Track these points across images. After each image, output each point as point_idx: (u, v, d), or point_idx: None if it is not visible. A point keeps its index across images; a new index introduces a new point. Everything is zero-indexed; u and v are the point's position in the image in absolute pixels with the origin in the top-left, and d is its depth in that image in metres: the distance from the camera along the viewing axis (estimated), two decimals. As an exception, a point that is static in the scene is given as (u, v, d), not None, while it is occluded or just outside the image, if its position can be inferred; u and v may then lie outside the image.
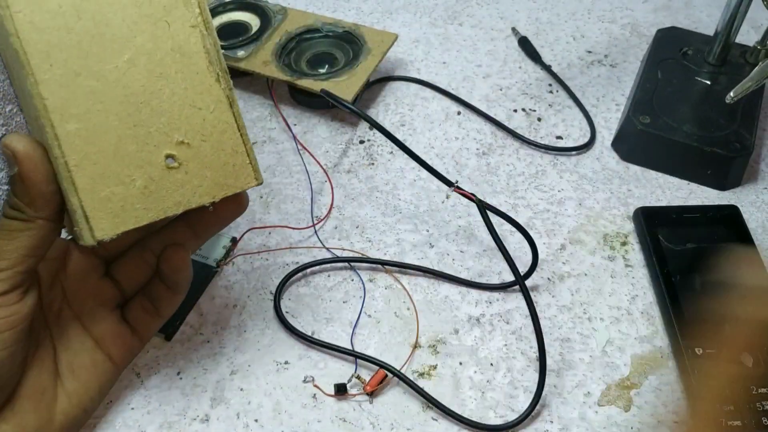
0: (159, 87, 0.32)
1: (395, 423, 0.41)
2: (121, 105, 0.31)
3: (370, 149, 0.57)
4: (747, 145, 0.52)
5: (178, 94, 0.33)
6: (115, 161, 0.31)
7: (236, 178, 0.34)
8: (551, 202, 0.53)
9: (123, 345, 0.38)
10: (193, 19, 0.32)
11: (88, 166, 0.31)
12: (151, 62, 0.32)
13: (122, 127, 0.31)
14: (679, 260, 0.47)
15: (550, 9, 0.70)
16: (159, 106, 0.32)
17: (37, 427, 0.35)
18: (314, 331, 0.45)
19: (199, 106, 0.33)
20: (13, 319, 0.32)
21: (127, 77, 0.31)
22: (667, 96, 0.56)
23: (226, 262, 0.48)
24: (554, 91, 0.62)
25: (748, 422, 0.39)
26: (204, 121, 0.33)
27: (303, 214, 0.52)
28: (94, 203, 0.31)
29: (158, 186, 0.33)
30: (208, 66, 0.33)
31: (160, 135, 0.32)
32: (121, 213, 0.32)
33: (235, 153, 0.34)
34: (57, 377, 0.36)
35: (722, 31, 0.56)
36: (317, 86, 0.55)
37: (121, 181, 0.32)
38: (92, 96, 0.31)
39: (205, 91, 0.33)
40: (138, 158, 0.32)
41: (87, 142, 0.31)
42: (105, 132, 0.31)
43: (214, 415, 0.41)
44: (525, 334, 0.45)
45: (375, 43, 0.59)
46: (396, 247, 0.50)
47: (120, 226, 0.32)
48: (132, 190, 0.32)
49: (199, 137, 0.33)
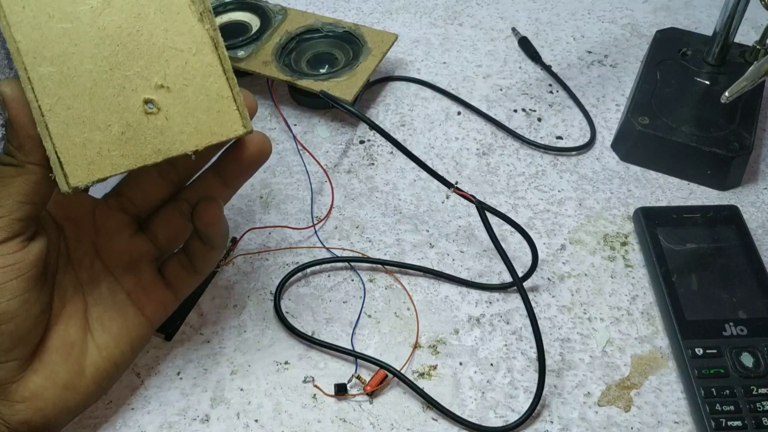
0: (136, 28, 0.31)
1: (395, 423, 0.41)
2: (97, 47, 0.30)
3: (370, 149, 0.57)
4: (746, 144, 0.52)
5: (157, 35, 0.31)
6: (90, 106, 0.30)
7: (221, 125, 0.32)
8: (551, 203, 0.53)
9: (156, 299, 0.39)
10: None
11: (61, 110, 0.30)
12: (127, 2, 0.30)
13: (98, 71, 0.30)
14: (679, 260, 0.47)
15: (550, 9, 0.70)
16: (137, 49, 0.31)
17: (68, 380, 0.35)
18: (314, 331, 0.45)
19: (181, 48, 0.31)
20: (18, 267, 0.32)
21: (102, 18, 0.30)
22: (666, 96, 0.56)
23: (226, 262, 0.49)
24: (554, 91, 0.62)
25: (748, 422, 0.39)
26: (186, 63, 0.31)
27: (303, 214, 0.52)
28: (69, 149, 0.30)
29: (136, 132, 0.31)
30: (189, 5, 0.31)
31: (138, 78, 0.31)
32: (97, 159, 0.30)
33: (219, 98, 0.32)
34: (87, 330, 0.36)
35: (721, 32, 0.56)
36: (317, 86, 0.55)
37: (96, 126, 0.30)
38: (66, 38, 0.30)
39: (186, 32, 0.31)
40: (115, 103, 0.31)
41: (61, 85, 0.30)
42: (80, 75, 0.30)
43: (214, 415, 0.41)
44: (525, 335, 0.45)
45: (375, 43, 0.59)
46: (396, 247, 0.50)
47: (95, 173, 0.31)
48: (108, 136, 0.31)
49: (181, 81, 0.31)
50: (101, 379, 0.37)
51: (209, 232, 0.37)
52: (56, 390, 0.35)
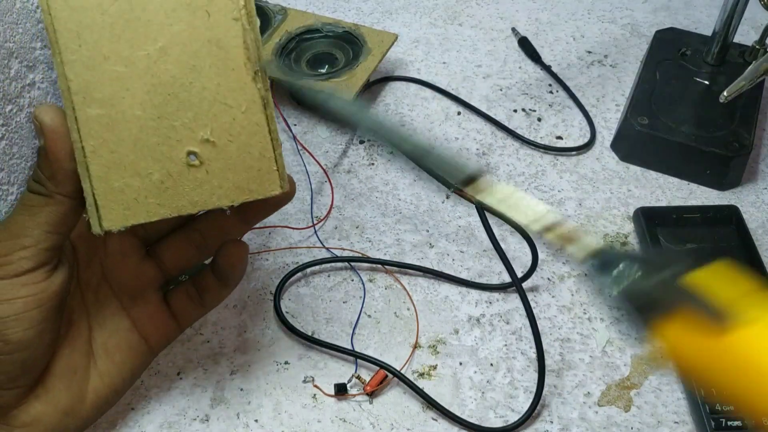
0: (190, 80, 0.30)
1: (395, 423, 0.41)
2: (148, 94, 0.30)
3: (370, 149, 0.57)
4: (746, 144, 0.52)
5: (210, 89, 0.31)
6: (133, 152, 0.30)
7: (260, 184, 0.32)
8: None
9: (160, 329, 0.38)
10: (236, 11, 0.30)
11: (104, 153, 0.30)
12: (184, 53, 0.30)
13: (146, 118, 0.30)
14: (678, 260, 0.47)
15: (550, 9, 0.70)
16: (187, 100, 0.31)
17: (68, 406, 0.35)
18: (314, 331, 0.45)
19: (231, 104, 0.31)
20: (40, 297, 0.31)
21: (157, 66, 0.30)
22: (666, 96, 0.56)
23: (226, 262, 0.48)
24: (554, 91, 0.62)
25: (748, 422, 0.39)
26: (234, 120, 0.31)
27: (303, 214, 0.52)
28: (106, 192, 0.30)
29: (176, 183, 0.31)
30: (245, 63, 0.31)
31: (184, 130, 0.31)
32: (133, 206, 0.31)
33: (262, 158, 0.32)
34: (91, 356, 0.36)
35: (720, 32, 0.56)
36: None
37: (137, 172, 0.30)
38: (118, 82, 0.30)
39: (238, 89, 0.31)
40: (158, 151, 0.31)
41: (107, 128, 0.30)
42: (127, 121, 0.30)
43: (214, 415, 0.41)
44: (525, 335, 0.45)
45: (375, 43, 0.59)
46: (396, 247, 0.50)
47: (130, 219, 0.31)
48: (147, 183, 0.31)
49: (226, 137, 0.31)
50: (101, 404, 0.37)
51: (232, 272, 0.37)
52: (57, 416, 0.34)
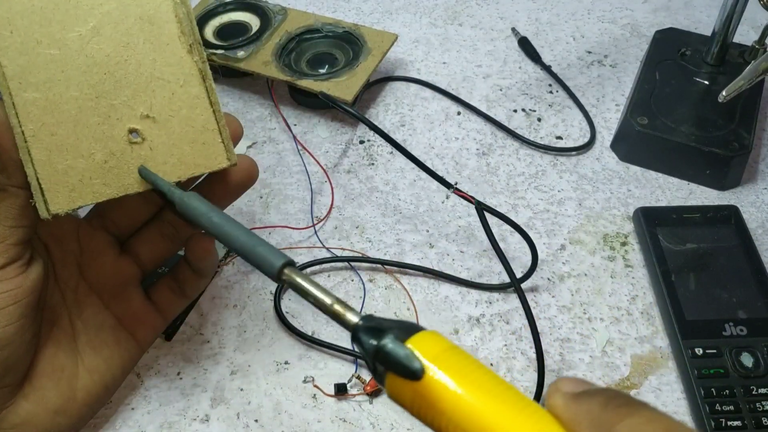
0: (125, 57, 0.31)
1: (395, 423, 0.41)
2: (84, 75, 0.30)
3: (370, 149, 0.57)
4: (745, 144, 0.52)
5: (145, 65, 0.31)
6: (74, 133, 0.30)
7: (206, 158, 0.32)
8: (551, 203, 0.53)
9: (145, 322, 0.38)
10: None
11: (45, 137, 0.30)
12: (117, 31, 0.30)
13: (83, 98, 0.30)
14: (678, 260, 0.47)
15: (550, 9, 0.70)
16: (124, 78, 0.31)
17: (59, 405, 0.35)
18: (314, 331, 0.45)
19: (168, 79, 0.31)
20: (15, 293, 0.31)
21: (90, 46, 0.30)
22: (665, 97, 0.56)
23: (225, 263, 0.49)
24: (554, 92, 0.62)
25: (748, 422, 0.39)
26: (173, 95, 0.31)
27: (303, 214, 0.52)
28: (50, 176, 0.30)
29: (119, 161, 0.31)
30: (179, 36, 0.31)
31: (123, 108, 0.31)
32: (79, 187, 0.31)
33: (205, 130, 0.32)
34: (77, 354, 0.36)
35: (719, 32, 0.56)
36: (317, 86, 0.55)
37: (79, 154, 0.30)
38: (53, 65, 0.30)
39: (175, 63, 0.31)
40: (99, 131, 0.31)
41: (45, 112, 0.30)
42: (65, 102, 0.30)
43: (214, 415, 0.41)
44: (525, 335, 0.45)
45: (375, 43, 0.59)
46: (396, 247, 0.50)
47: (76, 201, 0.31)
48: (91, 164, 0.31)
49: (167, 112, 0.31)
50: (92, 402, 0.36)
51: (201, 265, 0.38)
52: (47, 415, 0.34)
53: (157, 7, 0.31)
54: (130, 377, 0.43)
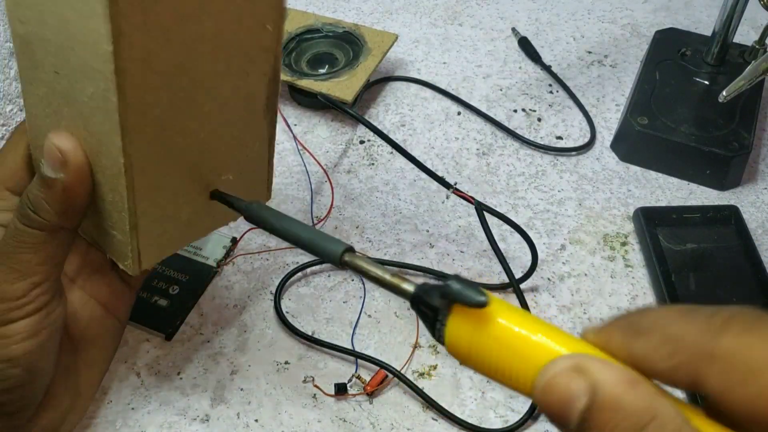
0: (223, 132, 0.31)
1: (395, 423, 0.41)
2: (189, 153, 0.30)
3: (370, 149, 0.57)
4: (745, 144, 0.52)
5: (236, 137, 0.32)
6: (172, 202, 0.31)
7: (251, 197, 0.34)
8: (551, 203, 0.53)
9: (125, 302, 0.38)
10: (269, 69, 0.31)
11: (151, 212, 0.30)
12: (223, 111, 0.30)
13: (185, 172, 0.30)
14: (678, 260, 0.47)
15: (550, 9, 0.70)
16: (217, 149, 0.31)
17: (69, 404, 0.35)
18: (314, 331, 0.45)
19: (247, 144, 0.33)
20: (59, 324, 0.32)
21: (202, 129, 0.30)
22: (665, 97, 0.56)
23: (226, 263, 0.49)
24: (554, 92, 0.62)
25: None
26: (247, 157, 0.33)
27: (303, 214, 0.52)
28: (147, 242, 0.31)
29: (198, 216, 0.32)
30: (265, 111, 0.32)
31: (211, 175, 0.32)
32: (166, 245, 0.32)
33: (260, 181, 0.35)
34: (75, 352, 0.36)
35: (720, 32, 0.56)
36: (317, 87, 0.55)
37: (172, 217, 0.31)
38: (171, 148, 0.29)
39: (256, 132, 0.33)
40: (189, 195, 0.31)
41: (156, 191, 0.30)
42: (171, 179, 0.30)
43: (214, 415, 0.41)
44: (525, 334, 0.45)
45: (375, 43, 0.59)
46: (396, 247, 0.50)
47: (161, 255, 0.32)
48: (178, 223, 0.32)
49: (239, 170, 0.33)
50: (93, 392, 0.37)
51: None
52: (61, 417, 0.35)
53: (257, 86, 0.31)
54: (130, 377, 0.43)
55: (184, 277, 0.47)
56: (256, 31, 0.30)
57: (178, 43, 0.27)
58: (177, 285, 0.46)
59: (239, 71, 0.30)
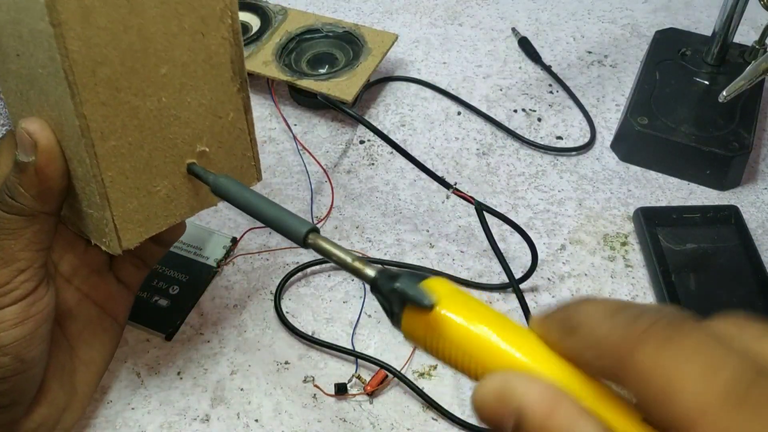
0: (189, 99, 0.31)
1: (395, 423, 0.41)
2: (155, 119, 0.30)
3: (371, 149, 0.57)
4: (745, 144, 0.52)
5: (205, 105, 0.32)
6: (145, 174, 0.31)
7: (243, 178, 0.35)
8: (551, 203, 0.53)
9: (120, 302, 0.39)
10: (225, 30, 0.31)
11: (121, 180, 0.30)
12: (185, 75, 0.31)
13: (154, 141, 0.31)
14: (678, 260, 0.47)
15: (550, 9, 0.70)
16: (187, 118, 0.32)
17: (66, 402, 0.35)
18: (314, 331, 0.45)
19: (220, 115, 0.33)
20: (46, 312, 0.32)
21: (162, 91, 0.30)
22: (666, 97, 0.56)
23: (226, 263, 0.49)
24: (554, 92, 0.62)
25: None
26: (222, 128, 0.33)
27: (303, 214, 0.52)
28: (123, 215, 0.31)
29: (178, 193, 0.32)
30: (232, 76, 0.33)
31: (184, 145, 0.32)
32: (145, 222, 0.32)
33: (244, 156, 0.35)
34: (71, 350, 0.36)
35: (720, 32, 0.56)
36: (317, 86, 0.55)
37: (148, 191, 0.31)
38: (130, 112, 0.30)
39: (227, 100, 0.33)
40: (164, 169, 0.32)
41: (122, 158, 0.30)
42: (138, 147, 0.30)
43: (214, 415, 0.41)
44: (525, 334, 0.45)
45: (375, 43, 0.59)
46: (396, 247, 0.50)
47: (143, 234, 0.32)
48: (156, 199, 0.32)
49: (216, 144, 0.33)
50: (91, 391, 0.37)
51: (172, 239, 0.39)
52: (57, 415, 0.35)
53: (217, 50, 0.32)
54: (130, 377, 0.43)
55: (184, 277, 0.47)
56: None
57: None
58: (177, 285, 0.46)
59: (193, 32, 0.30)
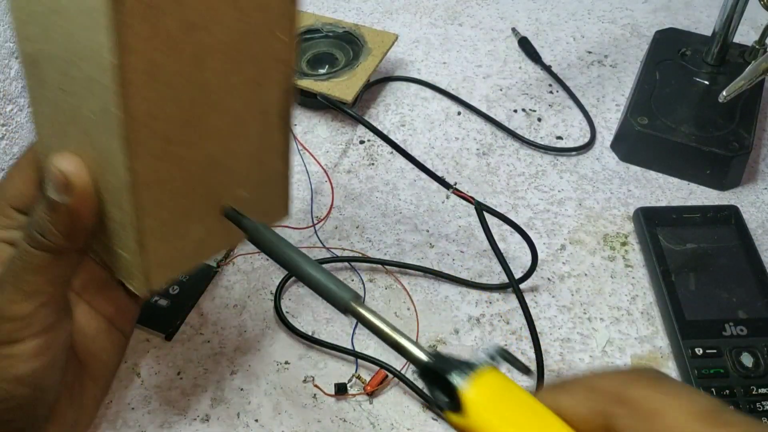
0: (236, 148, 0.30)
1: (395, 423, 0.41)
2: (200, 168, 0.29)
3: (370, 149, 0.57)
4: (745, 144, 0.52)
5: (251, 153, 0.30)
6: (182, 220, 0.29)
7: (271, 216, 0.33)
8: (551, 203, 0.53)
9: (130, 316, 0.38)
10: (282, 79, 0.30)
11: (158, 228, 0.29)
12: (237, 126, 0.29)
13: (195, 189, 0.29)
14: (678, 260, 0.47)
15: (550, 9, 0.70)
16: (232, 165, 0.30)
17: (74, 419, 0.35)
18: (314, 331, 0.45)
19: (264, 161, 0.31)
20: (65, 341, 0.32)
21: (211, 141, 0.29)
22: (666, 97, 0.56)
23: (226, 263, 0.49)
24: (554, 92, 0.62)
25: None
26: (264, 173, 0.32)
27: (303, 214, 0.52)
28: (155, 261, 0.29)
29: (211, 234, 0.31)
30: (279, 122, 0.31)
31: (224, 190, 0.30)
32: (175, 264, 0.31)
33: (279, 197, 0.33)
34: (80, 366, 0.36)
35: (720, 32, 0.56)
36: (317, 86, 0.55)
37: (182, 236, 0.30)
38: (178, 163, 0.28)
39: (272, 148, 0.31)
40: (201, 213, 0.30)
41: (162, 207, 0.28)
42: (181, 195, 0.29)
43: (214, 415, 0.41)
44: (525, 334, 0.45)
45: (375, 43, 0.59)
46: (396, 247, 0.50)
47: (171, 275, 0.31)
48: (188, 242, 0.30)
49: (256, 188, 0.31)
50: (98, 406, 0.37)
51: None
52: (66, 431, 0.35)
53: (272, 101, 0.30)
54: (130, 377, 0.43)
55: (184, 277, 0.47)
56: (268, 41, 0.28)
57: (186, 54, 0.25)
58: (177, 285, 0.46)
59: (251, 83, 0.29)
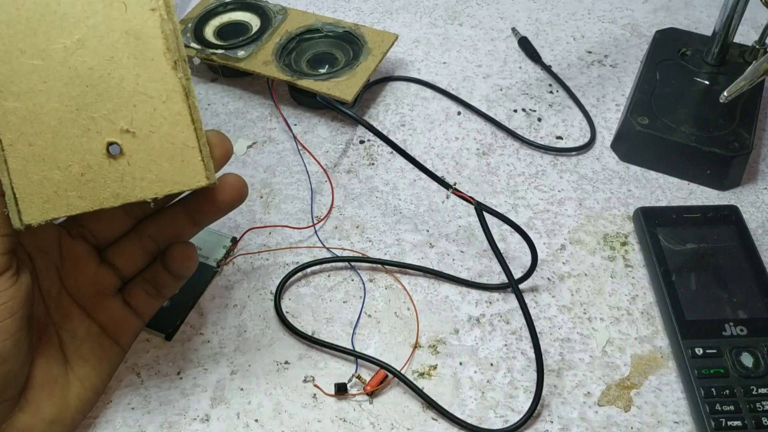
0: (108, 71, 0.30)
1: (395, 423, 0.41)
2: (66, 86, 0.30)
3: (371, 149, 0.57)
4: (746, 144, 0.52)
5: (129, 79, 0.31)
6: (52, 144, 0.30)
7: (184, 175, 0.32)
8: (551, 203, 0.53)
9: (128, 328, 0.39)
10: (153, 2, 0.30)
11: (23, 146, 0.29)
12: (102, 44, 0.30)
13: (64, 110, 0.30)
14: (678, 260, 0.47)
15: (550, 9, 0.70)
16: (106, 91, 0.30)
17: (55, 415, 0.35)
18: (314, 331, 0.45)
19: (151, 95, 0.31)
20: (11, 305, 0.31)
21: (74, 58, 0.30)
22: (666, 97, 0.56)
23: (226, 262, 0.49)
24: (554, 91, 0.62)
25: (749, 422, 0.39)
26: (154, 110, 0.31)
27: (303, 214, 0.52)
28: (25, 186, 0.30)
29: (96, 175, 0.31)
30: (165, 52, 0.31)
31: (104, 121, 0.30)
32: (53, 199, 0.30)
33: (185, 147, 0.32)
34: (67, 364, 0.36)
35: (720, 31, 0.56)
36: (317, 86, 0.55)
37: (56, 165, 0.30)
38: (35, 75, 0.29)
39: (159, 80, 0.31)
40: (78, 143, 0.30)
41: (25, 121, 0.29)
42: (45, 113, 0.30)
43: (214, 415, 0.41)
44: (525, 334, 0.45)
45: (375, 43, 0.59)
46: (396, 247, 0.50)
47: (50, 212, 0.30)
48: (67, 176, 0.30)
49: (147, 127, 0.31)
50: (85, 408, 0.37)
51: (183, 271, 0.38)
52: (43, 426, 0.35)
53: (144, 23, 0.30)
54: (130, 377, 0.43)
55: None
56: None
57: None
58: (177, 285, 0.46)
59: (107, 0, 0.30)
